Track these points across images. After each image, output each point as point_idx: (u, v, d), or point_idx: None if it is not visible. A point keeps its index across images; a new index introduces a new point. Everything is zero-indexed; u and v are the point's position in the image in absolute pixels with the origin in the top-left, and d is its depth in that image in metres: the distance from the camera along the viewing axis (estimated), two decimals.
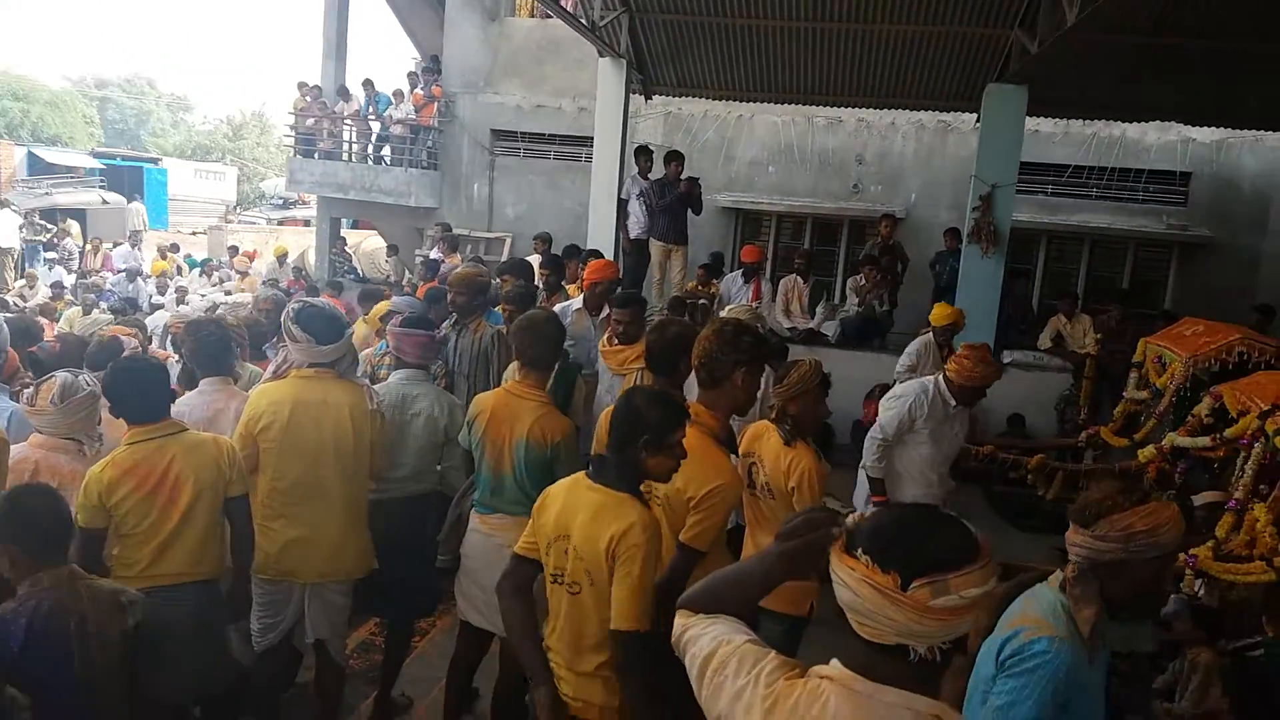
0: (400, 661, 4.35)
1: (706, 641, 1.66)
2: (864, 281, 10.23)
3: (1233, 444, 5.67)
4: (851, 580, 1.44)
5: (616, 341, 5.28)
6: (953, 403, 4.99)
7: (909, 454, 5.05)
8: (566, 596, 2.67)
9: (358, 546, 3.79)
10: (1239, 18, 9.05)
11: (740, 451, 3.83)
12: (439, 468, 4.23)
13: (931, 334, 7.55)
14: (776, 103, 11.94)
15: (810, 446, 3.75)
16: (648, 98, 12.14)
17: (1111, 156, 12.21)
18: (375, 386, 4.18)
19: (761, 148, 13.25)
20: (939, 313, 7.60)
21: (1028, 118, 9.98)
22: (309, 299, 4.03)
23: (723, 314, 5.09)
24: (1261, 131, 11.44)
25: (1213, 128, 11.48)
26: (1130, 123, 11.68)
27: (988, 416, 9.59)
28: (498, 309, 5.77)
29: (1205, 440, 5.94)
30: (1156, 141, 12.08)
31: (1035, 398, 9.63)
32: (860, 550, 1.43)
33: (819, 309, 10.27)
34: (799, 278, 10.44)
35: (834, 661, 1.53)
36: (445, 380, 5.18)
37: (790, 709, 1.49)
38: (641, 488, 2.73)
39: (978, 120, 10.44)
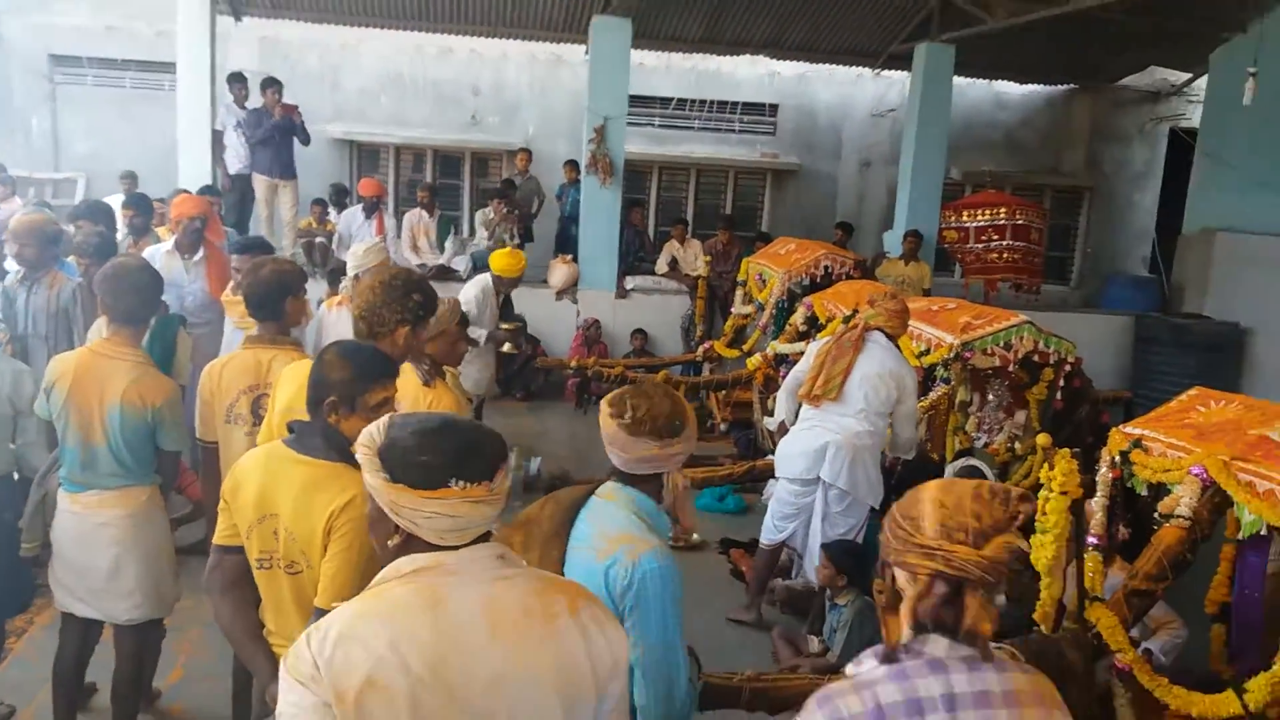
0: None
1: None
2: (493, 215, 10.17)
3: None
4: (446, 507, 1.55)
5: (239, 292, 4.84)
6: None
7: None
8: (286, 578, 2.41)
9: None
10: None
11: None
12: (12, 447, 3.63)
13: (491, 279, 6.61)
14: (380, 29, 11.40)
15: (449, 386, 3.65)
16: (237, 19, 11.05)
17: (710, 89, 13.05)
18: None
19: (371, 76, 12.57)
20: (504, 262, 6.57)
21: (633, 51, 10.36)
22: None
23: (350, 252, 4.78)
24: (833, 65, 12.73)
25: (794, 62, 12.60)
26: (724, 56, 12.49)
27: (614, 340, 10.05)
28: (70, 259, 5.06)
29: (801, 345, 6.65)
30: (748, 75, 13.06)
31: (659, 319, 10.24)
32: (454, 480, 1.54)
33: (448, 244, 10.06)
34: (424, 212, 10.15)
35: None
36: (13, 346, 4.48)
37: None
38: None
39: (586, 52, 10.67)
